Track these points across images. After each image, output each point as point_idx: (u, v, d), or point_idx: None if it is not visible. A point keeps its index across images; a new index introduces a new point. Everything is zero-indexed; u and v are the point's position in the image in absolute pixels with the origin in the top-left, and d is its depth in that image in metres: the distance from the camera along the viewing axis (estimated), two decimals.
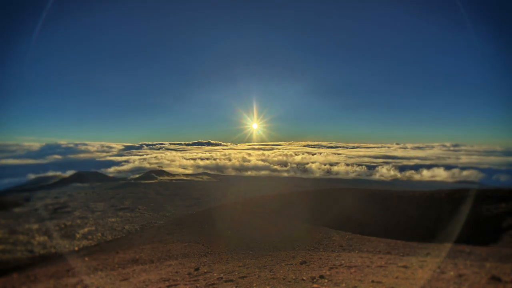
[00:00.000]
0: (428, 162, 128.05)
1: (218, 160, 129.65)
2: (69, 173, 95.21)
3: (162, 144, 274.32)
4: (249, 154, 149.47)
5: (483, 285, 4.18)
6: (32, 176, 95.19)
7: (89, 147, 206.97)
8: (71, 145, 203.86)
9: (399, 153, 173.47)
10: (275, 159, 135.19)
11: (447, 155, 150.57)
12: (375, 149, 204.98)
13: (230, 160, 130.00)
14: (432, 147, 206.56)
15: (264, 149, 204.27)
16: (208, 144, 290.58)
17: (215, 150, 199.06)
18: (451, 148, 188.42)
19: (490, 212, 17.74)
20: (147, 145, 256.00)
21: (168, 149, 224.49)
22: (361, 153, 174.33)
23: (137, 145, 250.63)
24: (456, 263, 6.24)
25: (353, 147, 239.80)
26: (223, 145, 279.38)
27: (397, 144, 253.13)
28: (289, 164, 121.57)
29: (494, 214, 17.47)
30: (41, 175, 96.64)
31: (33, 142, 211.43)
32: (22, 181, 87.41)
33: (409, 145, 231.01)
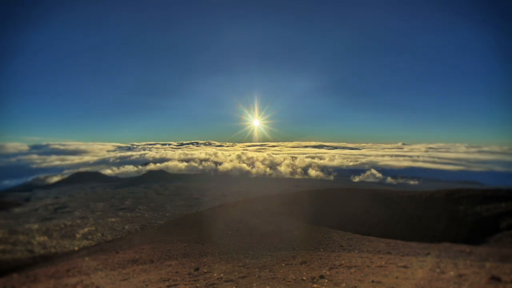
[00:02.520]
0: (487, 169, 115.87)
1: (205, 162, 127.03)
2: (68, 173, 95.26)
3: (153, 144, 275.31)
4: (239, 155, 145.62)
5: (483, 285, 4.18)
6: (24, 178, 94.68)
7: (77, 147, 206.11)
8: (58, 146, 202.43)
9: (418, 153, 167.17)
10: (266, 161, 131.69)
11: (493, 158, 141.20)
12: (389, 150, 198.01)
13: (215, 161, 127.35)
14: (447, 148, 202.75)
15: (261, 150, 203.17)
16: (206, 144, 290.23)
17: (210, 150, 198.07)
18: (472, 150, 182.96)
19: (490, 212, 17.74)
20: (137, 145, 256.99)
21: (157, 149, 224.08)
22: (369, 153, 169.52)
23: (128, 145, 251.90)
24: (456, 263, 6.24)
25: (356, 148, 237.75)
26: (220, 145, 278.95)
27: (404, 144, 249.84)
28: (277, 166, 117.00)
29: (494, 214, 17.48)
30: (39, 176, 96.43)
31: (18, 143, 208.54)
32: (18, 182, 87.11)
33: (419, 146, 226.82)
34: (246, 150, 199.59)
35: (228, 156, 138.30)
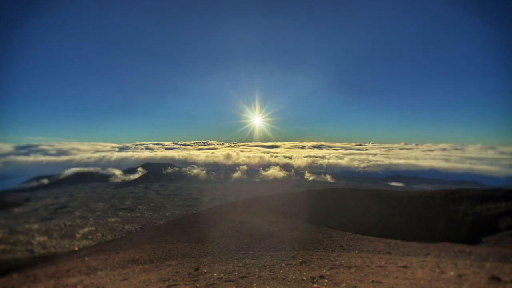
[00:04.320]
0: None
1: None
2: (68, 173, 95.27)
3: (146, 144, 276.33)
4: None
5: (483, 285, 4.18)
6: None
7: (64, 147, 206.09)
8: (46, 146, 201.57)
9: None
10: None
11: None
12: (409, 152, 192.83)
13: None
14: (460, 148, 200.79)
15: (258, 149, 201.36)
16: (204, 143, 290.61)
17: (208, 150, 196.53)
18: (490, 152, 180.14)
19: (490, 212, 17.75)
20: (130, 146, 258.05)
21: (150, 149, 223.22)
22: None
23: (120, 145, 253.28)
24: (456, 263, 6.24)
25: (357, 149, 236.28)
26: (218, 145, 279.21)
27: (406, 144, 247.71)
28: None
29: (494, 214, 17.48)
30: (38, 176, 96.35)
31: (7, 143, 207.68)
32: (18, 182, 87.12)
33: (425, 146, 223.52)
34: (242, 151, 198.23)
35: (197, 156, 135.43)
